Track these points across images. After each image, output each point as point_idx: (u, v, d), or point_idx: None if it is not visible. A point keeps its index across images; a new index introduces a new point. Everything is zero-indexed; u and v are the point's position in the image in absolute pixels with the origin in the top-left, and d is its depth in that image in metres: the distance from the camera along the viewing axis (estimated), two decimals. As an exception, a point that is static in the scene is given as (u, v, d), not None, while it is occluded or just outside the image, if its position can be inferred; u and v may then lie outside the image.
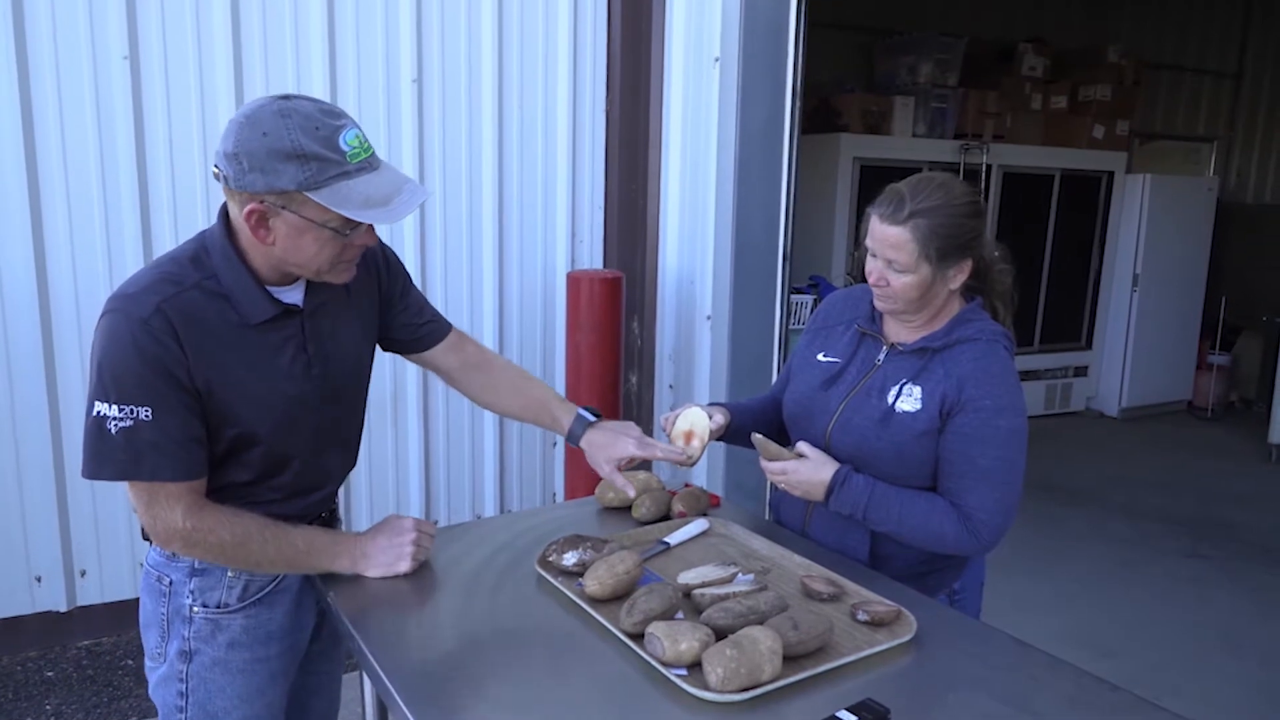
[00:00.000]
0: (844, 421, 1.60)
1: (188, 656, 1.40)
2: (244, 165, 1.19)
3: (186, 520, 1.28)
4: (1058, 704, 1.17)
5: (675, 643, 1.19)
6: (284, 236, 1.25)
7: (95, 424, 1.22)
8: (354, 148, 1.22)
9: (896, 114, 5.58)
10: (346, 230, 1.26)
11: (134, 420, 1.21)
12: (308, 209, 1.22)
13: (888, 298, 1.55)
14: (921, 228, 1.46)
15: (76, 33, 2.77)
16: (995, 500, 1.49)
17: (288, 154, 1.18)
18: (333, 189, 1.20)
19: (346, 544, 1.45)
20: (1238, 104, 7.83)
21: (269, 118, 1.19)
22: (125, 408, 1.21)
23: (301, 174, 1.19)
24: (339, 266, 1.31)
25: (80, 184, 2.84)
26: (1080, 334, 6.61)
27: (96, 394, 1.22)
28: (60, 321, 2.87)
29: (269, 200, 1.21)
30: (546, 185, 3.59)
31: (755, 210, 3.25)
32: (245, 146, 1.19)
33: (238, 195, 1.23)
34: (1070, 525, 4.47)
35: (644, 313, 3.71)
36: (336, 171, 1.20)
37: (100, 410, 1.21)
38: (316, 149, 1.19)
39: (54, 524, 2.93)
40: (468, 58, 3.36)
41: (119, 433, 1.21)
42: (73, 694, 2.78)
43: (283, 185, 1.19)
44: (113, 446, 1.22)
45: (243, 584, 1.41)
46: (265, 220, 1.24)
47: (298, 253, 1.27)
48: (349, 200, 1.21)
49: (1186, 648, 3.29)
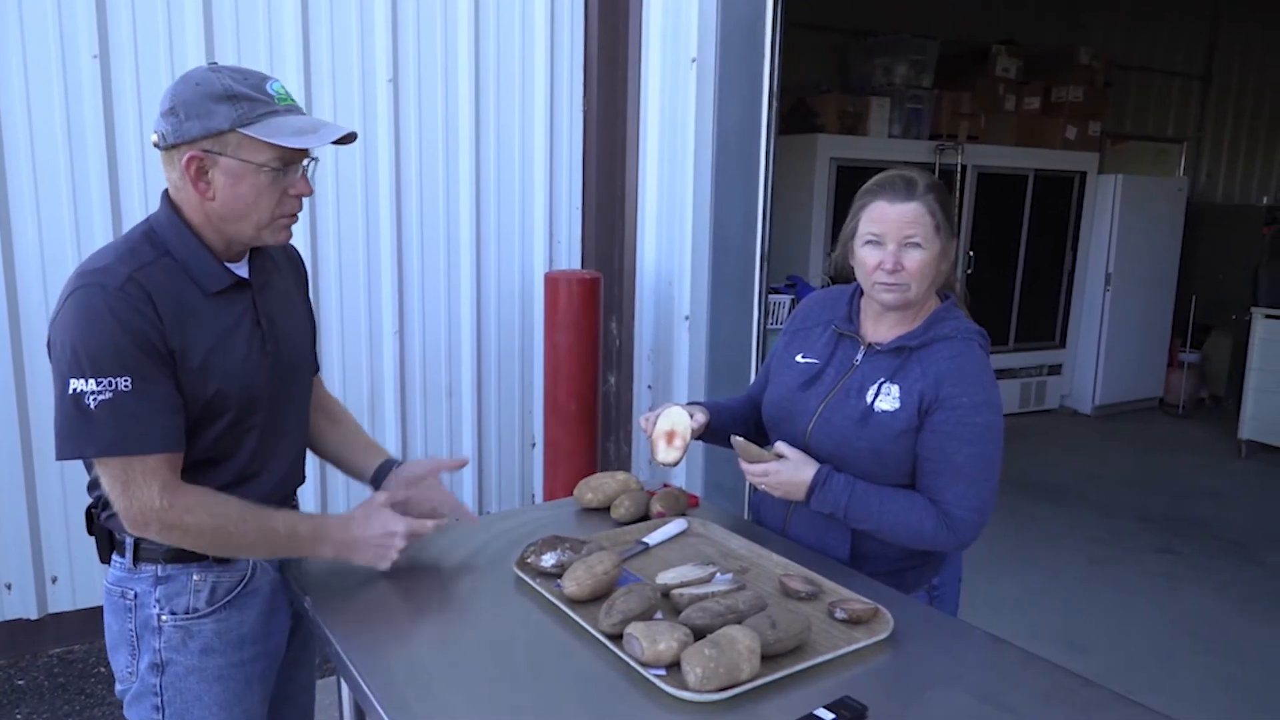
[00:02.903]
0: (823, 422, 1.61)
1: (160, 669, 1.37)
2: (180, 115, 1.26)
3: (163, 498, 1.26)
4: (1033, 700, 1.18)
5: (654, 643, 1.19)
6: (223, 187, 1.29)
7: (72, 402, 1.20)
8: (280, 94, 1.31)
9: (872, 115, 5.62)
10: (282, 169, 1.30)
11: (113, 392, 1.20)
12: (244, 149, 1.27)
13: (901, 285, 1.54)
14: (933, 202, 1.53)
15: (45, 31, 2.73)
16: (972, 496, 1.51)
17: (219, 96, 1.25)
18: (265, 123, 1.27)
19: (330, 531, 1.43)
20: (1206, 105, 7.95)
21: (200, 73, 1.29)
22: (103, 380, 1.19)
23: (235, 111, 1.26)
24: (277, 222, 1.35)
25: (49, 185, 2.79)
26: (1054, 333, 6.69)
27: (70, 371, 1.20)
28: (29, 328, 2.82)
29: (206, 146, 1.27)
30: (524, 186, 3.58)
31: (733, 210, 3.26)
32: (180, 98, 1.27)
33: (176, 151, 1.28)
34: (1044, 522, 4.52)
35: (622, 313, 3.71)
36: (266, 110, 1.28)
37: (76, 387, 1.19)
38: (246, 91, 1.27)
39: (24, 530, 2.89)
40: (444, 57, 3.35)
41: (99, 407, 1.19)
42: (44, 702, 2.74)
43: (218, 125, 1.25)
44: (92, 423, 1.20)
45: (209, 587, 1.39)
46: (204, 172, 1.29)
47: (236, 202, 1.30)
48: (281, 131, 1.27)
49: (1158, 642, 3.34)
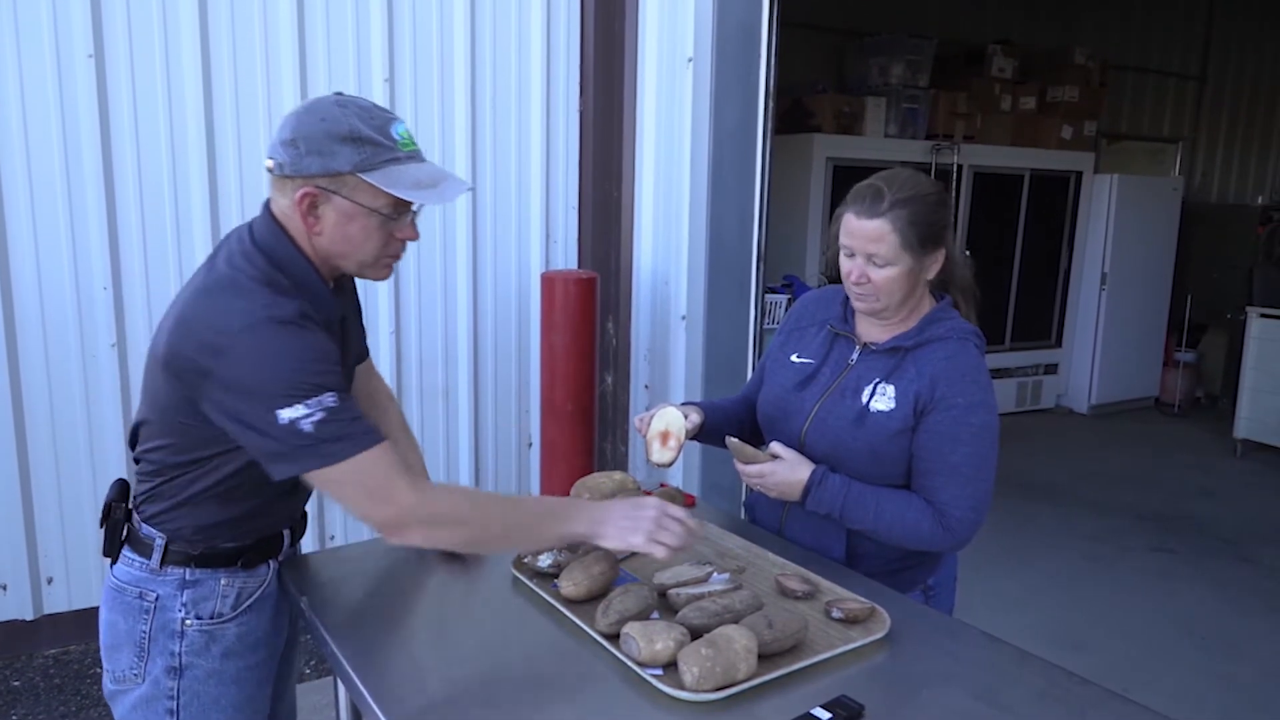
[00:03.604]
0: (819, 422, 1.61)
1: (177, 672, 1.37)
2: (301, 149, 1.24)
3: (413, 493, 1.23)
4: (1028, 698, 1.19)
5: (651, 643, 1.19)
6: (332, 225, 1.28)
7: (287, 430, 1.17)
8: (404, 138, 1.29)
9: (868, 114, 5.62)
10: (394, 215, 1.29)
11: (323, 409, 1.19)
12: (360, 193, 1.26)
13: (869, 295, 1.54)
14: (901, 218, 1.48)
15: (39, 30, 2.72)
16: (968, 496, 1.51)
17: (344, 137, 1.23)
18: (385, 171, 1.25)
19: (579, 508, 1.38)
20: (1201, 105, 7.97)
21: (327, 106, 1.26)
22: (311, 402, 1.18)
23: (357, 155, 1.24)
24: (381, 261, 1.34)
25: (44, 184, 2.79)
26: (1050, 332, 6.70)
27: (276, 404, 1.17)
28: (25, 332, 2.82)
29: (322, 184, 1.25)
30: (520, 185, 3.57)
31: (729, 210, 3.26)
32: (303, 131, 1.24)
33: (291, 182, 1.26)
34: (1040, 521, 4.53)
35: (619, 313, 3.71)
36: (389, 156, 1.26)
37: (287, 416, 1.17)
38: (371, 134, 1.25)
39: (19, 531, 2.88)
40: (440, 57, 3.34)
41: (315, 427, 1.18)
42: (39, 703, 2.73)
43: (338, 166, 1.24)
44: (312, 440, 1.19)
45: (235, 592, 1.40)
46: (315, 207, 1.27)
47: (344, 242, 1.30)
48: (400, 181, 1.25)
49: (1153, 641, 3.35)
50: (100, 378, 2.93)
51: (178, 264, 2.99)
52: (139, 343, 2.97)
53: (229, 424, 1.22)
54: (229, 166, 3.04)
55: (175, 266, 2.99)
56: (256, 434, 1.20)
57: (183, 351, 1.22)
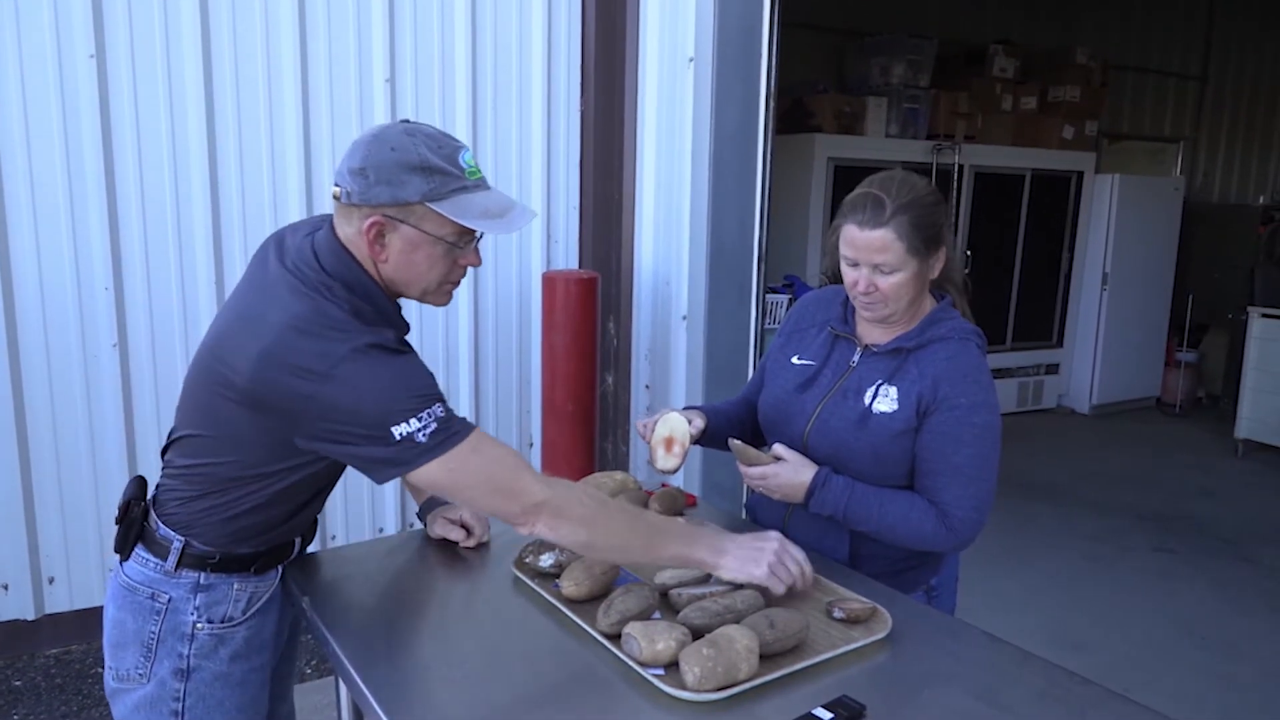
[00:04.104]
0: (821, 423, 1.61)
1: (185, 674, 1.37)
2: (370, 179, 1.24)
3: (539, 487, 1.26)
4: (1029, 698, 1.19)
5: (652, 643, 1.20)
6: (398, 252, 1.29)
7: (406, 446, 1.20)
8: (470, 166, 1.30)
9: (869, 114, 5.62)
10: (460, 245, 1.31)
11: (434, 419, 1.21)
12: (427, 222, 1.27)
13: (878, 303, 1.54)
14: (904, 224, 1.48)
15: (41, 30, 2.73)
16: (971, 496, 1.51)
17: (414, 167, 1.24)
18: (454, 201, 1.26)
19: (701, 534, 1.40)
20: (1202, 105, 7.97)
21: (396, 135, 1.26)
22: (422, 415, 1.21)
23: (426, 185, 1.25)
24: (444, 288, 1.36)
25: (46, 184, 2.79)
26: (1051, 332, 6.70)
27: (391, 422, 1.19)
28: (26, 333, 2.82)
29: (390, 213, 1.26)
30: (521, 185, 3.57)
31: (730, 210, 3.26)
32: (373, 160, 1.25)
33: (358, 210, 1.27)
34: (1040, 521, 4.53)
35: (620, 313, 3.71)
36: (457, 185, 1.27)
37: (403, 432, 1.19)
38: (440, 163, 1.26)
39: (21, 531, 2.88)
40: (441, 57, 3.34)
41: (430, 436, 1.21)
42: (41, 703, 2.73)
43: (407, 196, 1.24)
44: (429, 447, 1.21)
45: (247, 596, 1.41)
46: (383, 235, 1.28)
47: (409, 269, 1.31)
48: (468, 211, 1.27)
49: (1154, 641, 3.35)
50: (101, 377, 2.93)
51: (179, 264, 2.99)
52: (140, 343, 2.97)
53: (329, 446, 1.24)
54: (230, 166, 3.04)
55: (176, 266, 2.99)
56: (366, 447, 1.21)
57: (278, 384, 1.21)
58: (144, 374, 2.99)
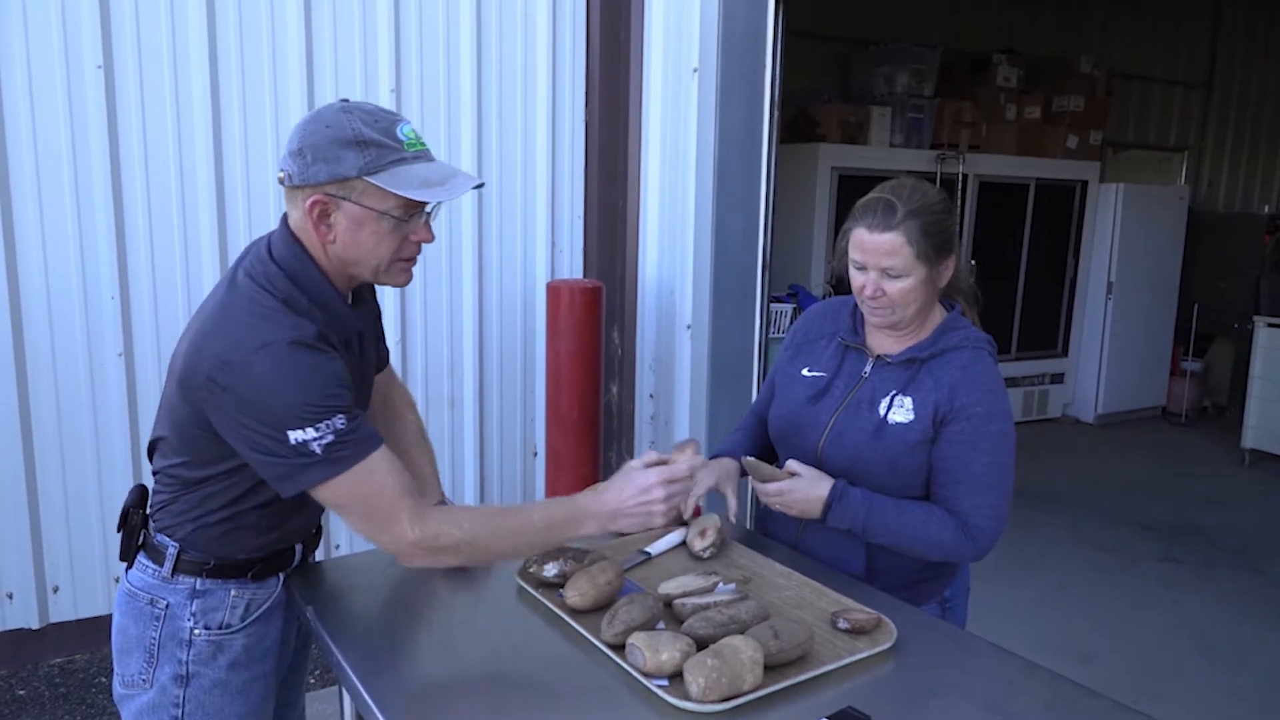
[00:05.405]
0: (836, 435, 1.61)
1: (184, 680, 1.38)
2: (308, 158, 1.24)
3: (413, 529, 1.24)
4: (1035, 709, 1.18)
5: (656, 653, 1.19)
6: (344, 231, 1.28)
7: (300, 454, 1.19)
8: (410, 138, 1.28)
9: (873, 124, 5.63)
10: (405, 217, 1.28)
11: (332, 430, 1.20)
12: (368, 197, 1.25)
13: (884, 309, 1.54)
14: (914, 229, 1.48)
15: (49, 41, 2.74)
16: (989, 505, 1.52)
17: (348, 141, 1.23)
18: (391, 172, 1.24)
19: (587, 507, 1.35)
20: (1208, 114, 7.96)
21: (331, 114, 1.26)
22: (321, 425, 1.19)
23: (362, 159, 1.23)
24: (396, 265, 1.33)
25: (53, 193, 2.80)
26: (1056, 341, 6.69)
27: (286, 425, 1.18)
28: (33, 342, 2.83)
29: (331, 191, 1.25)
30: (526, 194, 3.59)
31: (734, 219, 3.26)
32: (309, 140, 1.24)
33: (301, 192, 1.26)
34: (1047, 531, 4.51)
35: (624, 322, 3.71)
36: (394, 157, 1.25)
37: (298, 438, 1.18)
38: (376, 136, 1.24)
39: (26, 540, 2.88)
40: (446, 67, 3.36)
41: (323, 449, 1.20)
42: (45, 712, 2.73)
43: (344, 172, 1.23)
44: (320, 460, 1.20)
45: (245, 603, 1.41)
46: (326, 215, 1.27)
47: (356, 247, 1.29)
48: (407, 181, 1.25)
49: (1161, 652, 3.33)
50: (107, 386, 2.94)
51: (185, 273, 3.00)
52: (146, 352, 2.98)
53: (239, 443, 1.23)
54: (236, 176, 3.05)
55: (182, 276, 3.00)
56: (265, 454, 1.21)
57: (199, 369, 1.22)
58: (149, 383, 2.99)
